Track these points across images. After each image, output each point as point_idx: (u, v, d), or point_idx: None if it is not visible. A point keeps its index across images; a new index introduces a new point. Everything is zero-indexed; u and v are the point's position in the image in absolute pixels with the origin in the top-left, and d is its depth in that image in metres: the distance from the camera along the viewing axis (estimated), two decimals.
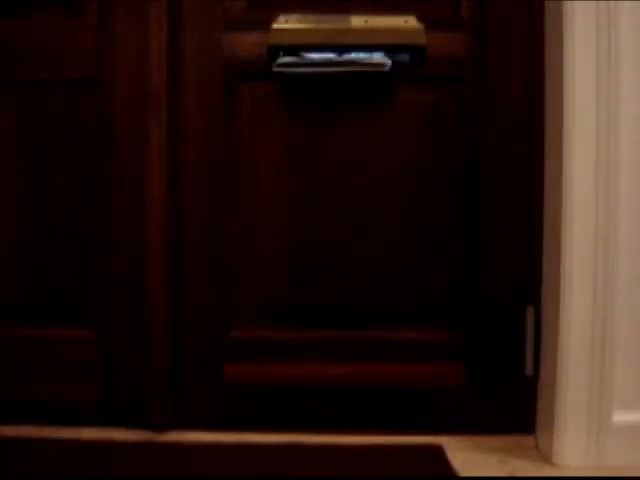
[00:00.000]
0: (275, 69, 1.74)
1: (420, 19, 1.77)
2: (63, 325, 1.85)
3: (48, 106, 1.82)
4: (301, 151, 1.84)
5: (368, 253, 1.85)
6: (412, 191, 1.84)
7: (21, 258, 1.85)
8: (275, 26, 1.77)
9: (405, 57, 1.77)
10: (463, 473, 1.61)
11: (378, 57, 1.70)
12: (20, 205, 1.84)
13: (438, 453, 1.70)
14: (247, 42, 1.80)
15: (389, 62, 1.72)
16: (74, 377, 1.85)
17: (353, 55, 1.74)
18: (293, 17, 1.78)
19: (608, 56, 1.62)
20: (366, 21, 1.77)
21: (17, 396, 1.84)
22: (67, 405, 1.85)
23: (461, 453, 1.72)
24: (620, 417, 1.67)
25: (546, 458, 1.70)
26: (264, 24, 1.77)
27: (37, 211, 1.84)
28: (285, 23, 1.77)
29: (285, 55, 1.75)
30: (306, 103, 1.83)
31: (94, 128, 1.82)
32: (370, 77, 1.82)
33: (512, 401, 1.84)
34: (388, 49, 1.79)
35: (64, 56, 1.81)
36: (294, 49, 1.77)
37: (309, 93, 1.83)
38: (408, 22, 1.77)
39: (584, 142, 1.63)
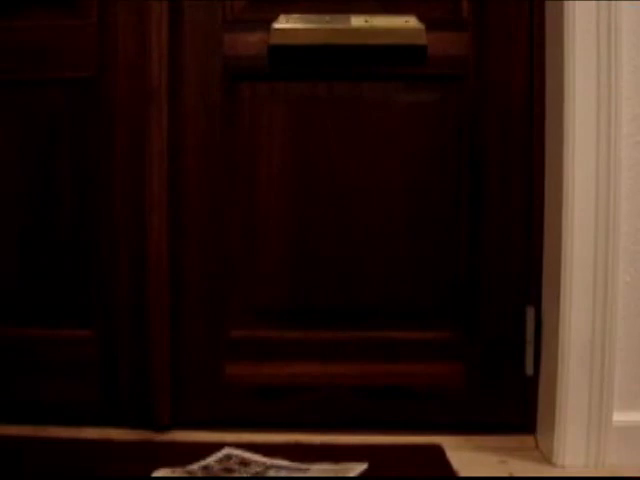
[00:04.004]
0: None
1: (420, 19, 1.77)
2: (63, 325, 1.85)
3: (48, 106, 1.82)
4: (302, 151, 1.84)
5: (368, 253, 1.85)
6: (412, 191, 1.84)
7: (21, 258, 1.85)
8: (275, 26, 1.77)
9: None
10: (463, 473, 1.61)
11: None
12: (20, 205, 1.84)
13: (438, 453, 1.70)
14: (248, 42, 1.80)
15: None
16: (74, 377, 1.85)
17: None
18: (293, 17, 1.78)
19: (608, 56, 1.62)
20: (366, 21, 1.77)
21: (17, 396, 1.84)
22: (67, 405, 1.85)
23: (461, 453, 1.72)
24: (620, 417, 1.67)
25: (546, 458, 1.70)
26: (264, 24, 1.77)
27: (37, 211, 1.84)
28: (285, 23, 1.77)
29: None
30: (307, 103, 1.83)
31: (95, 128, 1.82)
32: (371, 77, 1.82)
33: (512, 401, 1.84)
34: (388, 49, 1.79)
35: (64, 56, 1.81)
36: (294, 49, 1.78)
37: (310, 93, 1.83)
38: (408, 22, 1.78)
39: (584, 142, 1.63)
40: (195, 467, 1.56)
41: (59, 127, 1.83)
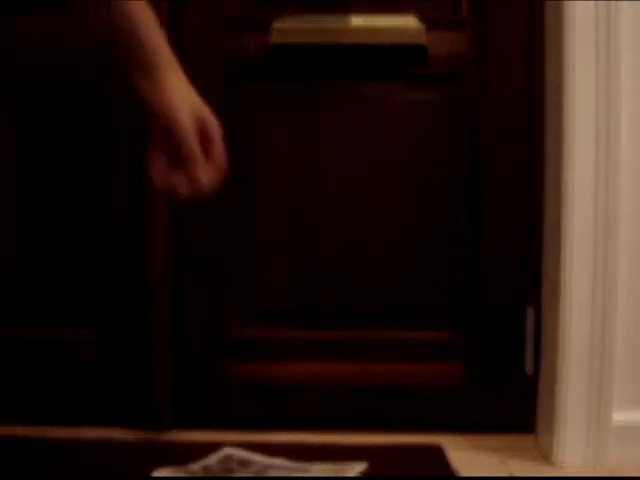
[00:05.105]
0: None
1: (420, 19, 1.77)
2: (63, 325, 1.85)
3: (48, 107, 1.82)
4: (302, 150, 1.84)
5: (368, 252, 1.85)
6: (412, 190, 1.84)
7: (21, 258, 1.85)
8: (276, 26, 1.77)
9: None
10: (463, 473, 1.61)
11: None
12: (21, 205, 1.84)
13: (438, 453, 1.70)
14: (248, 41, 1.80)
15: None
16: (74, 377, 1.85)
17: None
18: (294, 17, 1.78)
19: (608, 56, 1.62)
20: (366, 21, 1.77)
21: (17, 396, 1.84)
22: (67, 405, 1.85)
23: (461, 453, 1.72)
24: (619, 417, 1.67)
25: (546, 458, 1.70)
26: (265, 24, 1.77)
27: (37, 211, 1.84)
28: (285, 23, 1.77)
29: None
30: (307, 103, 1.83)
31: (95, 129, 1.82)
32: (371, 76, 1.82)
33: (512, 401, 1.84)
34: (388, 49, 1.79)
35: (64, 56, 1.81)
36: (294, 48, 1.78)
37: (310, 93, 1.83)
38: (408, 22, 1.78)
39: (584, 142, 1.63)
40: (195, 467, 1.56)
41: (58, 128, 1.83)
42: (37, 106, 1.83)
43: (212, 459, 1.60)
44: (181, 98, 1.17)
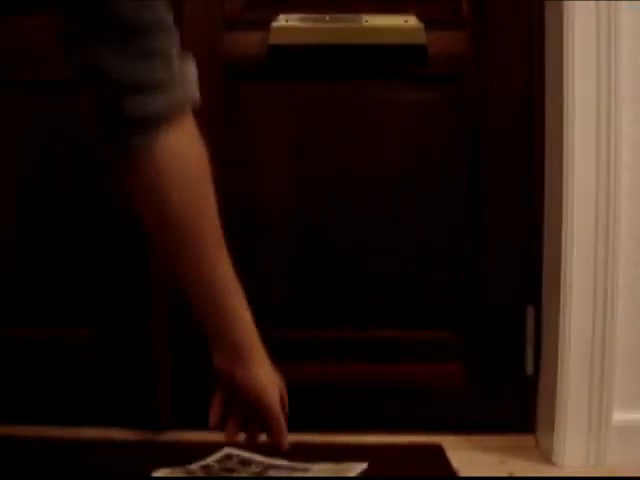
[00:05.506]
0: None
1: (420, 19, 1.77)
2: (63, 325, 1.85)
3: (48, 107, 1.82)
4: (302, 151, 1.84)
5: (369, 253, 1.85)
6: (413, 190, 1.84)
7: (21, 258, 1.85)
8: (275, 25, 1.77)
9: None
10: (463, 473, 1.61)
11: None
12: (20, 204, 1.84)
13: (438, 453, 1.70)
14: (248, 42, 1.80)
15: None
16: (74, 377, 1.85)
17: None
18: (293, 16, 1.78)
19: (608, 56, 1.62)
20: (366, 21, 1.77)
21: (17, 396, 1.84)
22: (67, 405, 1.85)
23: (461, 453, 1.72)
24: (620, 417, 1.67)
25: (546, 458, 1.70)
26: (264, 24, 1.77)
27: (37, 210, 1.84)
28: (285, 22, 1.77)
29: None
30: (307, 102, 1.83)
31: (94, 129, 1.82)
32: (371, 76, 1.82)
33: (512, 401, 1.84)
34: (388, 48, 1.79)
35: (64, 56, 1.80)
36: (294, 48, 1.78)
37: (310, 93, 1.83)
38: (408, 22, 1.78)
39: (584, 142, 1.63)
40: (195, 467, 1.56)
41: (58, 128, 1.83)
42: (37, 106, 1.83)
43: (212, 459, 1.60)
44: (270, 380, 1.25)
